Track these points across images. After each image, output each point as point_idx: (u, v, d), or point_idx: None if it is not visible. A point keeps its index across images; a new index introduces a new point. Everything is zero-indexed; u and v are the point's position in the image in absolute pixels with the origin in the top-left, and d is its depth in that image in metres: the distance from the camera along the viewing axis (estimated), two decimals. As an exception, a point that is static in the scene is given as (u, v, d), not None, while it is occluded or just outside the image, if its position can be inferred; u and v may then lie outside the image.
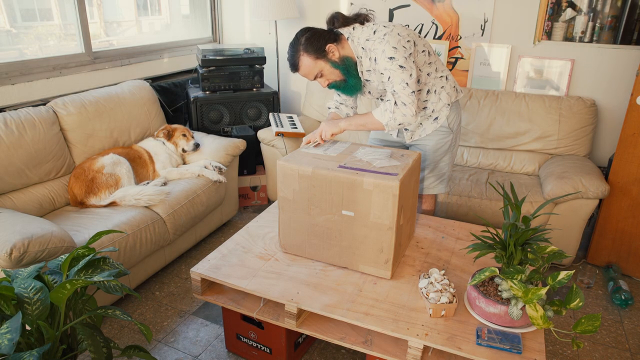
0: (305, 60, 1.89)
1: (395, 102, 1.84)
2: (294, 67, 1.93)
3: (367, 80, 2.00)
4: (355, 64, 1.94)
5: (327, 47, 1.88)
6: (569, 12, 2.82)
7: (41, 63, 2.64)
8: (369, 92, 2.10)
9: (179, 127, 2.93)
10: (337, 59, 1.90)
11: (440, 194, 2.63)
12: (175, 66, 3.58)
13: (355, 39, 1.91)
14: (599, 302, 2.40)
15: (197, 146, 2.91)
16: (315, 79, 1.96)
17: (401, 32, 1.84)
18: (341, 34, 1.93)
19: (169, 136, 2.88)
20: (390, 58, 1.81)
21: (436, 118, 2.09)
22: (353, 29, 1.93)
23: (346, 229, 1.76)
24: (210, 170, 2.77)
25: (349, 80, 1.96)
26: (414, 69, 1.83)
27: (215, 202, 2.78)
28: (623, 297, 2.33)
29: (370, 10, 1.99)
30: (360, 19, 1.95)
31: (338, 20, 1.95)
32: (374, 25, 1.90)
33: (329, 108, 2.25)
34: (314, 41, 1.87)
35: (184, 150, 2.91)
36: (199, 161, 2.86)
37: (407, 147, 2.30)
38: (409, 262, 1.89)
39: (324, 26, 2.01)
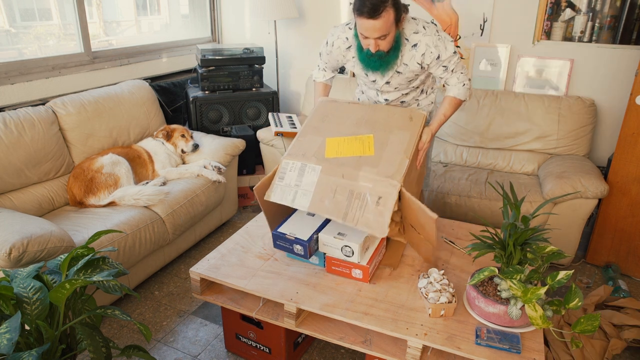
0: (389, 16, 1.75)
1: (464, 83, 1.99)
2: (376, 12, 1.71)
3: (397, 71, 1.98)
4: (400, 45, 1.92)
5: (402, 16, 1.83)
6: (568, 12, 2.82)
7: (40, 63, 2.64)
8: (386, 83, 2.06)
9: (178, 128, 2.93)
10: (399, 31, 1.88)
11: (425, 192, 2.68)
12: (175, 66, 3.58)
13: (405, 25, 1.91)
14: (598, 301, 2.40)
15: (196, 147, 2.90)
16: (378, 38, 1.80)
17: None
18: None
19: (168, 137, 2.88)
20: (454, 53, 1.93)
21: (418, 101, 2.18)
22: (407, 19, 1.92)
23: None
24: (209, 170, 2.77)
25: (392, 55, 1.90)
26: None
27: (214, 202, 2.78)
28: (622, 296, 2.33)
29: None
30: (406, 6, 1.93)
31: None
32: (416, 20, 1.93)
33: (315, 80, 2.25)
34: (400, 5, 1.80)
35: (183, 151, 2.91)
36: (198, 161, 2.86)
37: None
38: (408, 261, 1.89)
39: (324, 25, 2.01)
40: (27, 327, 1.41)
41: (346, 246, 1.69)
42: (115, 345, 1.45)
